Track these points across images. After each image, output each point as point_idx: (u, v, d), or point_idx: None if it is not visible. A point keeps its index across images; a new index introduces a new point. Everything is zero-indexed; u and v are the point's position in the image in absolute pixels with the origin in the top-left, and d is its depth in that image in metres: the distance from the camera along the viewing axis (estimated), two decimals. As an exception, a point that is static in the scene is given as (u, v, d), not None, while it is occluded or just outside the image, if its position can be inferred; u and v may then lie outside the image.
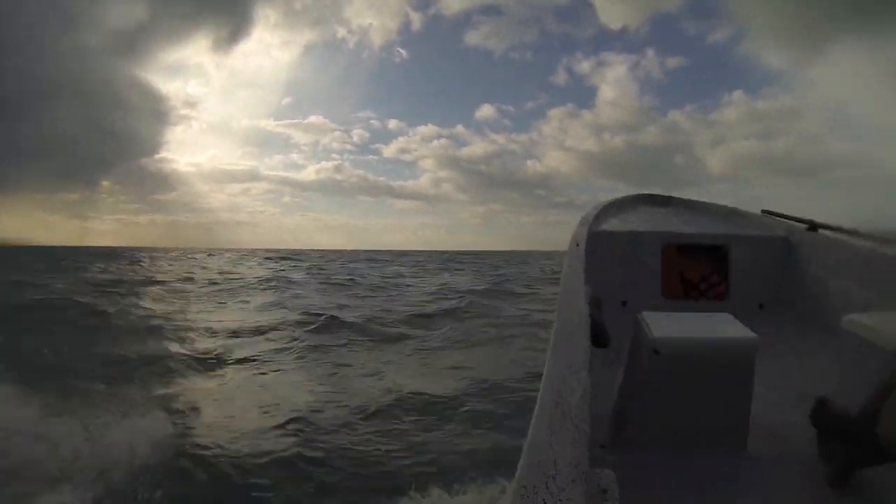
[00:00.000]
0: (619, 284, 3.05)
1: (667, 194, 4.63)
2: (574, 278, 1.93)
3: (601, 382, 1.90)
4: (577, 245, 2.58)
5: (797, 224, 3.17)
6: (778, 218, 3.40)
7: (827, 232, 2.92)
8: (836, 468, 1.33)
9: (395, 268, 34.07)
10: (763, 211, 3.65)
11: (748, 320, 2.90)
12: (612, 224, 3.44)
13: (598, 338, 1.51)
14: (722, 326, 1.57)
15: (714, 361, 1.47)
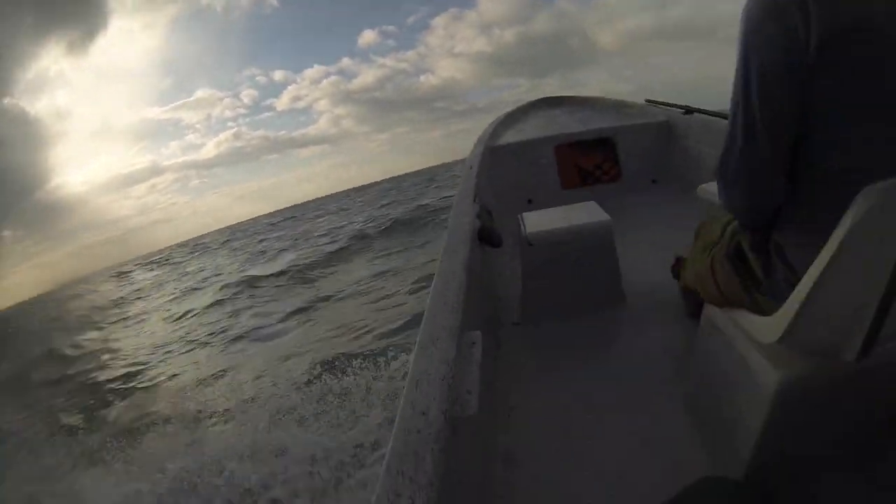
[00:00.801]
0: (523, 186, 3.46)
1: (560, 95, 4.98)
2: (464, 198, 2.18)
3: (508, 272, 2.17)
4: (471, 168, 2.82)
5: (675, 109, 3.53)
6: (660, 106, 3.81)
7: (700, 115, 3.29)
8: (689, 305, 1.66)
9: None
10: (646, 100, 4.00)
11: (643, 194, 3.34)
12: (509, 136, 3.81)
13: (492, 240, 1.84)
14: (584, 214, 1.86)
15: (578, 244, 1.79)
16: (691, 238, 1.83)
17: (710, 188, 2.05)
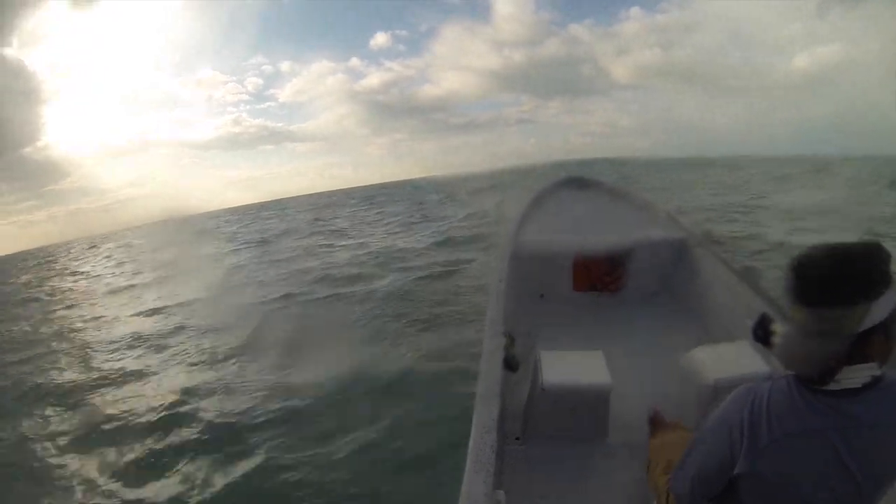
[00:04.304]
0: (538, 281, 3.87)
1: (589, 178, 5.46)
2: (495, 321, 2.68)
3: (517, 391, 2.48)
4: (500, 281, 3.13)
5: (694, 232, 3.91)
6: (682, 222, 4.19)
7: (712, 248, 3.62)
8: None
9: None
10: (671, 211, 4.34)
11: (643, 307, 3.65)
12: (534, 228, 4.24)
13: (512, 367, 2.36)
14: (590, 370, 2.22)
15: (581, 396, 2.20)
16: (677, 379, 2.25)
17: (695, 356, 2.22)
